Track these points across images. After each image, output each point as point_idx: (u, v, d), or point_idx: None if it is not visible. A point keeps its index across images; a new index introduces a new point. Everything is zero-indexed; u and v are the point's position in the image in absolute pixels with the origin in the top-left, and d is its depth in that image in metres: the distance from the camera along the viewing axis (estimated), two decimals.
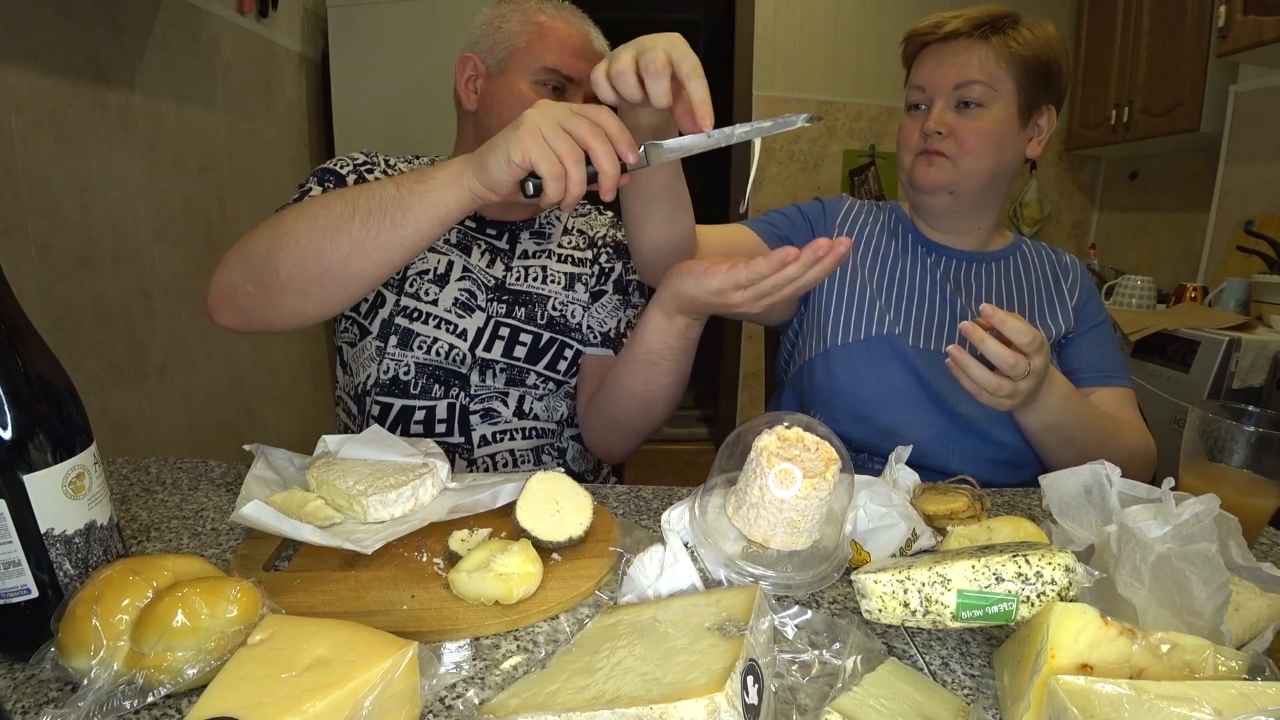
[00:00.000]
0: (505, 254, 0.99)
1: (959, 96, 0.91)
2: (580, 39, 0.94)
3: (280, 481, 0.70)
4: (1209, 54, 2.16)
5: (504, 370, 0.96)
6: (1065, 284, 1.01)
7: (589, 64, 0.93)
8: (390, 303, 0.94)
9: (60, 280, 1.39)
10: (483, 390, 0.96)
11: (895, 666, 0.47)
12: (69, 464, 0.47)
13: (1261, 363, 1.78)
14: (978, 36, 0.90)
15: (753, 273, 0.67)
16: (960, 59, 0.91)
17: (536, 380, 0.98)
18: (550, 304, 0.98)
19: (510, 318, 0.96)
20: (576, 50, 0.94)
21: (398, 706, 0.41)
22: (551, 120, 0.63)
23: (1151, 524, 0.51)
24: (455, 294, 0.95)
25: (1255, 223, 2.20)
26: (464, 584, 0.54)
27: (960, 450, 0.92)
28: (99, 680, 0.41)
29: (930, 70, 0.93)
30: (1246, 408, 0.66)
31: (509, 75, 0.93)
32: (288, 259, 0.70)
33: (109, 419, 1.53)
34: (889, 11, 3.02)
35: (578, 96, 0.94)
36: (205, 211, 1.85)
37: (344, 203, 0.69)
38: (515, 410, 0.98)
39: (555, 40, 0.93)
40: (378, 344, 0.94)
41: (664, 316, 0.78)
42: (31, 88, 1.31)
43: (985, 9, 0.91)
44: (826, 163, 3.15)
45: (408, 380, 0.94)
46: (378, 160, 0.98)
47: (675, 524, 0.60)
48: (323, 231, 0.69)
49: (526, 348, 0.96)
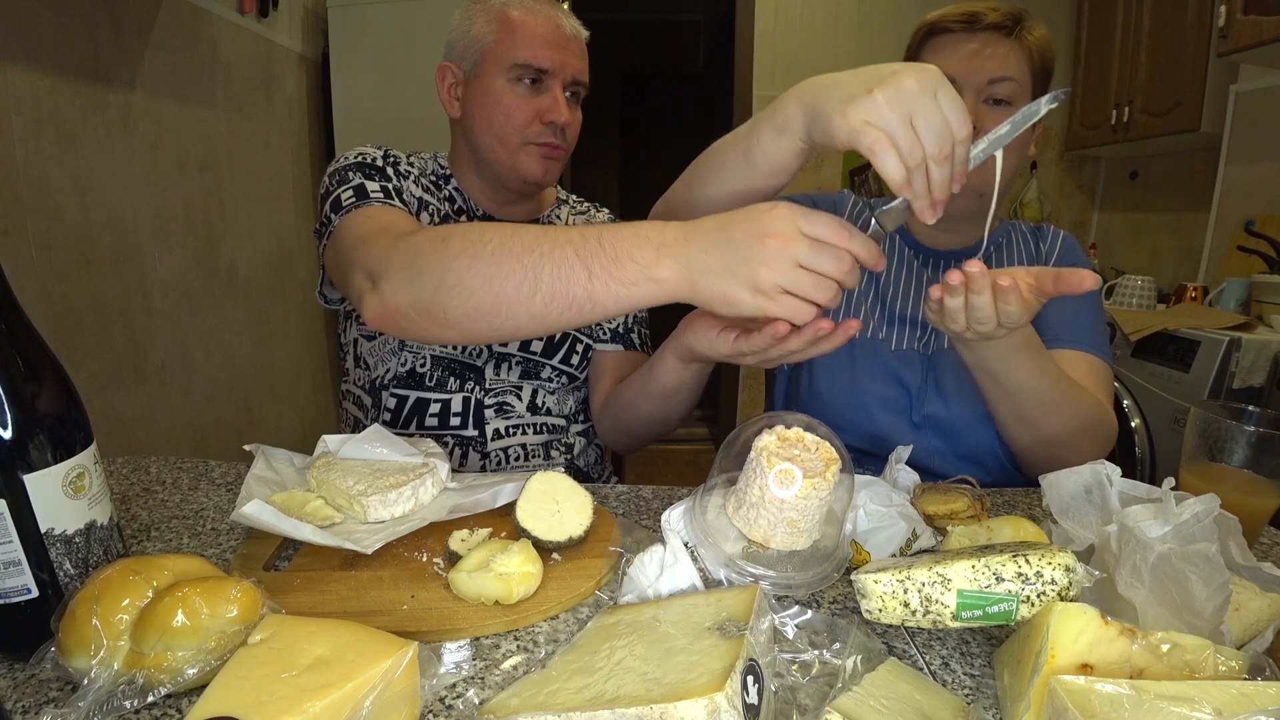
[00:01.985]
0: None
1: (991, 92, 0.88)
2: (549, 27, 0.92)
3: (280, 481, 0.70)
4: (1209, 54, 2.15)
5: (520, 364, 0.97)
6: (1044, 256, 1.01)
7: (561, 52, 0.92)
8: None
9: (60, 280, 1.39)
10: (497, 384, 0.97)
11: (895, 666, 0.47)
12: (69, 464, 0.47)
13: (1262, 363, 1.77)
14: (1008, 33, 0.87)
15: (753, 345, 0.65)
16: (996, 53, 0.87)
17: (551, 374, 0.99)
18: None
19: None
20: (547, 39, 0.92)
21: (398, 706, 0.41)
22: (789, 262, 0.55)
23: (1152, 524, 0.51)
24: None
25: (1255, 223, 2.20)
26: (464, 584, 0.54)
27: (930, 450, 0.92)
28: (99, 680, 0.41)
29: (962, 61, 0.88)
30: (1247, 408, 0.66)
31: (484, 77, 0.93)
32: (457, 309, 0.64)
33: (109, 419, 1.53)
34: (889, 11, 3.02)
35: (555, 85, 0.93)
36: (205, 211, 1.85)
37: (523, 270, 0.60)
38: (529, 404, 0.99)
39: (523, 33, 0.91)
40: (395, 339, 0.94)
41: (679, 362, 0.79)
42: (31, 88, 1.31)
43: (1007, 5, 0.89)
44: (826, 163, 3.15)
45: (424, 373, 0.95)
46: (391, 155, 0.97)
47: (675, 524, 0.60)
48: (498, 297, 0.62)
49: (543, 341, 0.98)
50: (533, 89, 0.92)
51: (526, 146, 0.94)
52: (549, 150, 0.95)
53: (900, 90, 0.53)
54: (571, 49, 0.94)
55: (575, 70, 0.94)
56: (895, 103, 0.53)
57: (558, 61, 0.91)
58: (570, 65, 0.93)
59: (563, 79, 0.93)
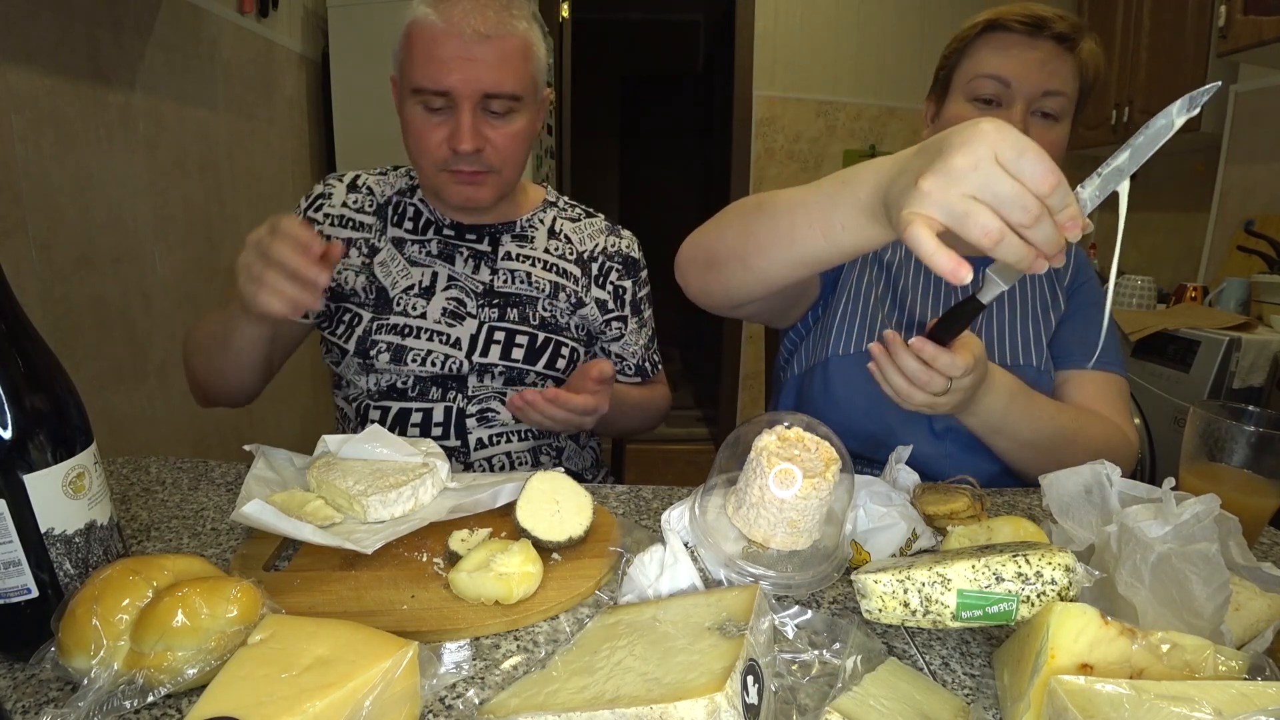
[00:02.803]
0: (489, 256, 0.97)
1: (1041, 105, 0.83)
2: (452, 40, 0.80)
3: (280, 481, 0.70)
4: (1209, 54, 2.15)
5: (502, 373, 0.95)
6: (1061, 269, 0.98)
7: (466, 67, 0.81)
8: (366, 320, 0.93)
9: (60, 280, 1.39)
10: (481, 391, 0.95)
11: (895, 666, 0.47)
12: (69, 464, 0.47)
13: (1262, 363, 1.77)
14: (1070, 46, 0.83)
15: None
16: (1054, 63, 0.83)
17: (536, 379, 0.97)
18: (540, 305, 0.97)
19: (504, 321, 0.95)
20: (448, 56, 0.80)
21: (398, 706, 0.41)
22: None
23: (1152, 524, 0.51)
24: (443, 304, 0.94)
25: (1255, 223, 2.20)
26: (464, 584, 0.54)
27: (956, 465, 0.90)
28: (99, 680, 0.41)
29: (1020, 65, 0.83)
30: (1247, 408, 0.66)
31: (402, 99, 0.87)
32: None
33: (109, 419, 1.53)
34: (889, 12, 3.02)
35: (464, 106, 0.83)
36: (205, 211, 1.85)
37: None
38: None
39: (421, 52, 0.82)
40: (358, 360, 0.93)
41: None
42: (31, 88, 1.31)
43: (1071, 15, 0.84)
44: (826, 163, 3.15)
45: (404, 388, 0.94)
46: (323, 195, 0.98)
47: (675, 524, 0.60)
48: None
49: (524, 349, 0.95)
50: (441, 113, 0.84)
51: (442, 174, 0.88)
52: (466, 177, 0.88)
53: (950, 175, 0.46)
54: (482, 59, 0.82)
55: (488, 84, 0.83)
56: (947, 189, 0.46)
57: (459, 81, 0.81)
58: (479, 81, 0.82)
59: (471, 99, 0.83)
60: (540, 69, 0.90)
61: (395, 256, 0.96)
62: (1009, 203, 0.45)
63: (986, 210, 0.45)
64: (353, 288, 0.95)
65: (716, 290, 0.75)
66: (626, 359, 1.06)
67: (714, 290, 0.76)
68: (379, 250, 0.96)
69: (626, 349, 1.05)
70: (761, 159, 3.13)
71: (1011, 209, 0.45)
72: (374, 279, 0.95)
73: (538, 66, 0.89)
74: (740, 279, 0.70)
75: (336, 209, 0.98)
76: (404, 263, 0.95)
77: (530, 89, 0.88)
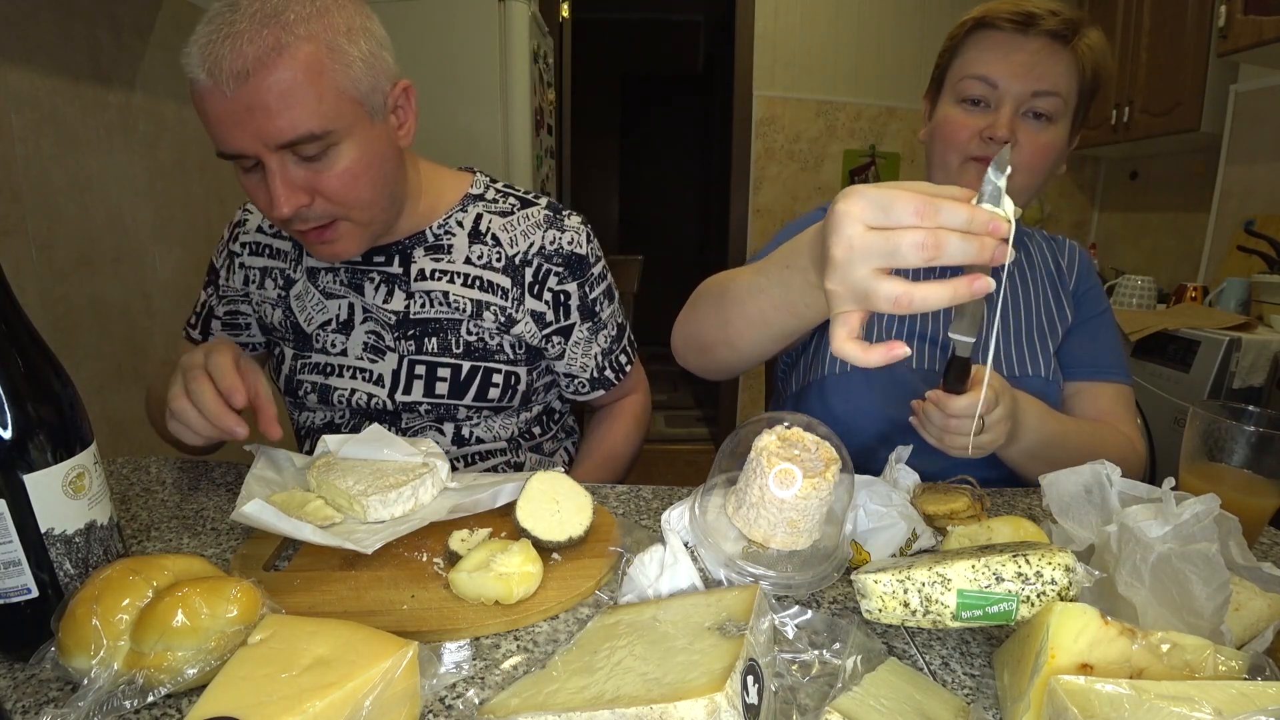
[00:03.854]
0: (400, 280, 0.86)
1: (1033, 106, 0.80)
2: (218, 98, 0.65)
3: (280, 481, 0.70)
4: (1209, 54, 2.16)
5: (429, 410, 0.88)
6: (1065, 272, 0.98)
7: (250, 120, 0.66)
8: (289, 358, 0.90)
9: (60, 280, 1.39)
10: (415, 423, 0.89)
11: (895, 666, 0.47)
12: (69, 464, 0.47)
13: (1262, 363, 1.78)
14: (1065, 41, 0.79)
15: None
16: (1045, 62, 0.79)
17: (469, 412, 0.89)
18: (463, 328, 0.86)
19: (423, 353, 0.86)
20: (221, 119, 0.67)
21: (398, 706, 0.41)
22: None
23: (1152, 524, 0.51)
24: (363, 338, 0.87)
25: (1255, 223, 2.20)
26: (464, 584, 0.54)
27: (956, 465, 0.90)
28: (99, 680, 0.41)
29: (1007, 65, 0.80)
30: (1247, 408, 0.66)
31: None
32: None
33: (109, 419, 1.53)
34: (889, 12, 3.02)
35: (269, 162, 0.69)
36: (205, 211, 1.85)
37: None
38: (454, 438, 0.90)
39: (201, 113, 0.69)
40: (288, 399, 0.92)
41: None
42: (31, 88, 1.31)
43: (1067, 8, 0.80)
44: (826, 163, 3.15)
45: (341, 422, 0.91)
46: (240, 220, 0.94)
47: (675, 524, 0.60)
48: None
49: (448, 383, 0.86)
50: (255, 171, 0.72)
51: (294, 233, 0.77)
52: (314, 235, 0.76)
53: (836, 269, 0.45)
54: (257, 106, 0.66)
55: (272, 134, 0.67)
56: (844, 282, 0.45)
57: (242, 140, 0.67)
58: (261, 133, 0.67)
59: (270, 155, 0.68)
60: (353, 77, 0.70)
61: (309, 290, 0.88)
62: (901, 253, 0.43)
63: (885, 280, 0.43)
64: (271, 323, 0.91)
65: (713, 369, 0.78)
66: (578, 375, 0.94)
67: (711, 369, 0.78)
68: (294, 282, 0.89)
69: (574, 364, 0.93)
70: (761, 159, 3.13)
71: (908, 256, 0.43)
72: (290, 314, 0.89)
73: (347, 78, 0.70)
74: (732, 358, 0.71)
75: (252, 235, 0.92)
76: (319, 296, 0.88)
77: (339, 113, 0.70)
